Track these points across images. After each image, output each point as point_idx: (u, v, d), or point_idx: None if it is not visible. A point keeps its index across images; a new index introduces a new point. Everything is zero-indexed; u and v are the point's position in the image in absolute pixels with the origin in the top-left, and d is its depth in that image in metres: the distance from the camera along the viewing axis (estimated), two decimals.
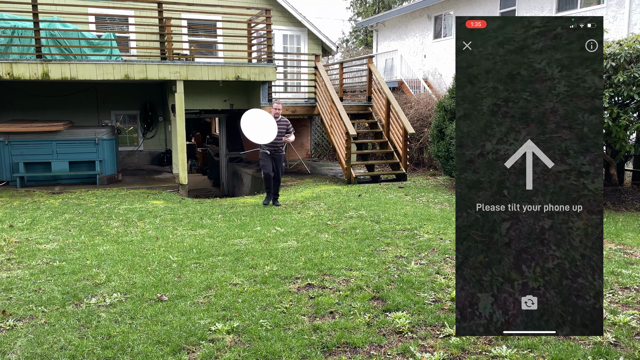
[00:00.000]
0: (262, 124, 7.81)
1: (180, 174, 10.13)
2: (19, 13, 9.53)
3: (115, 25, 13.06)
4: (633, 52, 6.81)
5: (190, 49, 12.99)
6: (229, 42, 12.20)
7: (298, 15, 14.82)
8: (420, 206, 7.42)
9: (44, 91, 12.20)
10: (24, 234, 6.04)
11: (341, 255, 4.90)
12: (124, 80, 9.57)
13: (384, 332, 3.25)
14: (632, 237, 5.56)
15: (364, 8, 34.44)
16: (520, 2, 14.41)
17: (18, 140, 9.81)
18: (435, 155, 9.81)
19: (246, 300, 3.80)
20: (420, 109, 12.96)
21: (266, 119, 7.89)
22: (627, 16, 11.87)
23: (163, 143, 13.83)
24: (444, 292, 3.91)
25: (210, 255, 5.08)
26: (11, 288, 4.15)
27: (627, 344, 3.03)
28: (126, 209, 7.69)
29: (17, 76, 8.90)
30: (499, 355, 2.90)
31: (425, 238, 5.50)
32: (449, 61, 16.76)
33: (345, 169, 10.23)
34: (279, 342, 3.08)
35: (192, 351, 3.03)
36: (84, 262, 4.86)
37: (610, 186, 7.95)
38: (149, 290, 4.05)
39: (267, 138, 7.78)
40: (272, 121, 7.88)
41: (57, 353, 3.01)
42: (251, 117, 7.85)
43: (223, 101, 11.51)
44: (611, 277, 4.18)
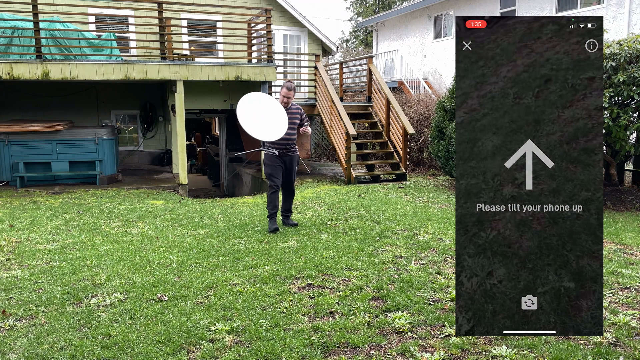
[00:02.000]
0: (267, 114, 5.80)
1: (180, 174, 10.13)
2: (19, 13, 9.53)
3: (115, 25, 13.06)
4: (633, 52, 6.81)
5: (190, 49, 12.99)
6: (229, 42, 12.20)
7: (298, 15, 14.82)
8: (420, 206, 7.42)
9: (44, 91, 12.20)
10: (24, 234, 6.04)
11: (341, 255, 4.90)
12: (124, 80, 9.57)
13: (384, 332, 3.25)
14: (632, 237, 5.56)
15: (364, 8, 34.44)
16: (520, 2, 14.41)
17: (18, 140, 9.81)
18: (435, 155, 9.81)
19: (246, 300, 3.80)
20: (420, 109, 12.97)
21: (272, 106, 5.90)
22: (627, 16, 11.87)
23: (163, 143, 13.83)
24: (444, 292, 3.90)
25: (210, 255, 5.08)
26: (11, 288, 4.15)
27: (627, 344, 3.03)
28: (126, 209, 7.69)
29: (17, 76, 8.89)
30: (499, 355, 2.90)
31: (425, 238, 5.50)
32: (449, 61, 16.76)
33: (345, 169, 10.23)
34: (279, 342, 3.08)
35: (192, 351, 3.03)
36: (84, 262, 4.86)
37: (610, 186, 7.95)
38: (149, 290, 4.05)
39: (274, 133, 5.77)
40: (279, 110, 5.91)
41: (57, 353, 3.01)
42: (251, 103, 5.80)
43: (223, 101, 11.52)
44: (611, 277, 4.18)
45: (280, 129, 5.77)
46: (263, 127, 5.71)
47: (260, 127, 5.70)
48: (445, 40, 17.10)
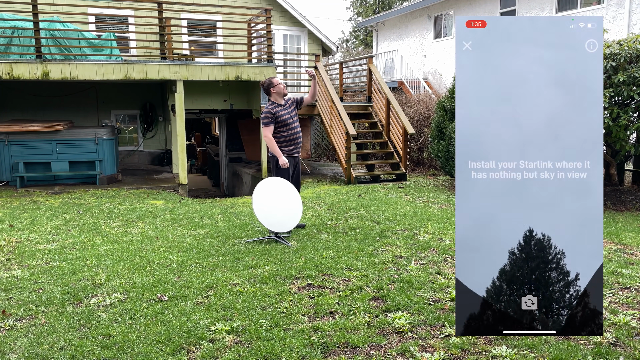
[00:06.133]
0: (280, 201, 5.50)
1: (180, 174, 10.13)
2: (19, 13, 9.53)
3: (115, 25, 13.06)
4: (633, 52, 6.81)
5: (190, 49, 12.99)
6: (229, 42, 12.21)
7: (298, 15, 14.83)
8: (420, 206, 7.42)
9: (44, 91, 12.20)
10: (24, 234, 6.04)
11: (341, 255, 4.90)
12: (124, 80, 9.57)
13: (384, 332, 3.25)
14: (632, 237, 5.56)
15: (364, 8, 34.44)
16: (520, 2, 14.41)
17: (18, 140, 9.81)
18: (435, 155, 9.81)
19: (246, 300, 3.80)
20: (420, 109, 12.97)
21: (283, 193, 5.55)
22: (627, 16, 11.87)
23: (163, 143, 13.83)
24: (444, 292, 3.90)
25: (210, 255, 5.08)
26: (11, 288, 4.15)
27: (627, 344, 3.03)
28: (126, 209, 7.69)
29: (17, 76, 8.90)
30: (499, 355, 2.90)
31: (425, 238, 5.50)
32: (449, 61, 16.76)
33: (345, 169, 10.23)
34: (279, 342, 3.08)
35: (192, 351, 3.03)
36: (84, 262, 4.86)
37: (610, 186, 7.95)
38: (149, 290, 4.05)
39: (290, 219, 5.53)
40: (291, 192, 5.56)
41: (57, 353, 3.01)
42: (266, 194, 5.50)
43: (223, 101, 11.52)
44: (611, 277, 4.18)
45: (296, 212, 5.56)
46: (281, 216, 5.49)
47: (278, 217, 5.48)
48: (445, 40, 17.10)
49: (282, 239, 5.52)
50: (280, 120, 5.86)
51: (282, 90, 5.92)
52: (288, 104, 6.01)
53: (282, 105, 5.94)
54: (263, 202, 5.47)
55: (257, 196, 5.49)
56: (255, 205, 5.46)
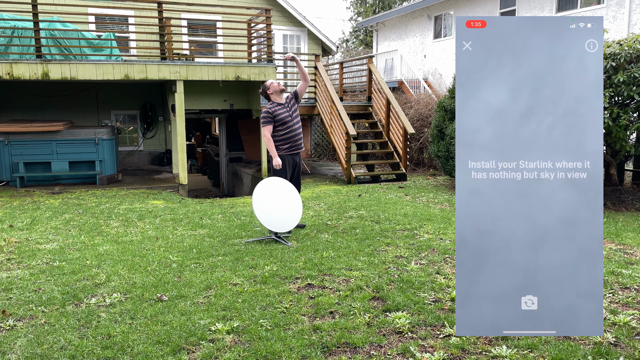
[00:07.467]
0: (279, 200, 5.52)
1: (180, 174, 10.13)
2: (19, 13, 9.53)
3: (115, 25, 13.06)
4: (633, 52, 6.81)
5: (190, 49, 12.99)
6: (229, 42, 12.21)
7: (298, 15, 14.83)
8: (420, 206, 7.42)
9: (44, 91, 12.20)
10: (24, 234, 6.04)
11: (341, 255, 4.90)
12: (124, 80, 9.57)
13: (384, 332, 3.25)
14: (632, 237, 5.56)
15: (364, 8, 34.43)
16: (520, 2, 14.41)
17: (18, 140, 9.81)
18: (435, 155, 9.81)
19: (246, 300, 3.80)
20: (420, 109, 12.97)
21: (282, 192, 5.56)
22: (627, 16, 11.87)
23: (163, 143, 13.83)
24: (444, 292, 3.90)
25: (210, 255, 5.08)
26: (11, 288, 4.15)
27: (627, 344, 3.03)
28: (126, 209, 7.69)
29: (17, 76, 8.89)
30: (499, 355, 2.90)
31: (425, 238, 5.50)
32: (449, 61, 16.76)
33: (345, 169, 10.23)
34: (279, 342, 3.08)
35: (192, 351, 3.03)
36: (84, 262, 4.86)
37: (610, 186, 7.95)
38: (149, 290, 4.05)
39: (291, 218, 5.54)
40: (291, 192, 5.58)
41: (57, 353, 3.01)
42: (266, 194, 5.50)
43: (223, 101, 11.52)
44: (611, 277, 4.18)
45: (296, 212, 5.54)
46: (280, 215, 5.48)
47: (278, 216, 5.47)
48: (445, 40, 17.10)
49: (282, 239, 5.54)
50: (278, 120, 5.88)
51: (277, 88, 5.91)
52: (287, 101, 6.02)
53: (282, 104, 5.96)
54: (263, 202, 5.48)
55: (257, 196, 5.50)
56: (255, 205, 5.46)
